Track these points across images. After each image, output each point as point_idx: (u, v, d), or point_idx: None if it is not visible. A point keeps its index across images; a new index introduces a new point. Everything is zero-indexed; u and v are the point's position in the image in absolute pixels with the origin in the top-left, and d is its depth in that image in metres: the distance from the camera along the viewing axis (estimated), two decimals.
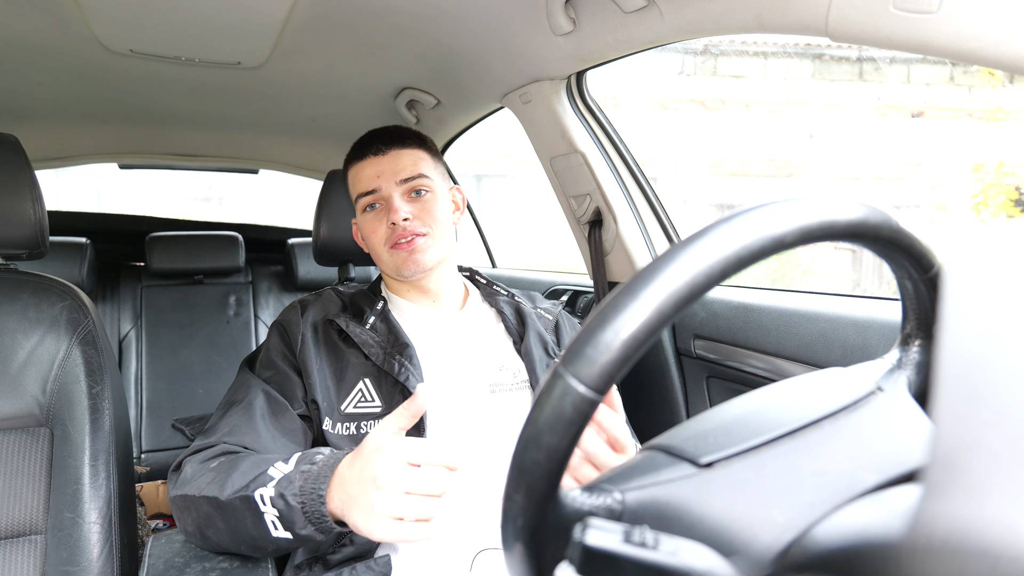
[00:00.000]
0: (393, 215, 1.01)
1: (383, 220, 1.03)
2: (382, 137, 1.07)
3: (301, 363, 0.98)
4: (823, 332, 1.03)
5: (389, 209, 1.02)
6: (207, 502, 0.81)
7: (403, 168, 1.04)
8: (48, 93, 1.70)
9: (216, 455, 0.88)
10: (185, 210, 7.19)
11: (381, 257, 1.05)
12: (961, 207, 5.40)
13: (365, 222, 1.06)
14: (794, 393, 0.49)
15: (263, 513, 0.76)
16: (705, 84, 6.99)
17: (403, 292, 1.09)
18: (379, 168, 1.04)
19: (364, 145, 1.07)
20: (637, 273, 0.38)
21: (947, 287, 0.30)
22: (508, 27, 1.25)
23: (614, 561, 0.35)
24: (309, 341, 0.99)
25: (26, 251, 1.06)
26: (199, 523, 0.83)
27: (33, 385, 0.98)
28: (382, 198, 1.04)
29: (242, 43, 1.37)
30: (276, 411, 0.94)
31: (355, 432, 0.94)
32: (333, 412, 0.95)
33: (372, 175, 1.04)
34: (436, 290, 1.08)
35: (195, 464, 0.88)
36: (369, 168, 1.05)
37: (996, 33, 0.66)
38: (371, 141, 1.07)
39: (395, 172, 1.04)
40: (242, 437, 0.90)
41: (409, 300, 1.08)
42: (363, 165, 1.06)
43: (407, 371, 0.95)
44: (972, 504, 0.26)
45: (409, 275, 1.03)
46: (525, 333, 1.06)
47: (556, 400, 0.37)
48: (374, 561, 0.88)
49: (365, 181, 1.05)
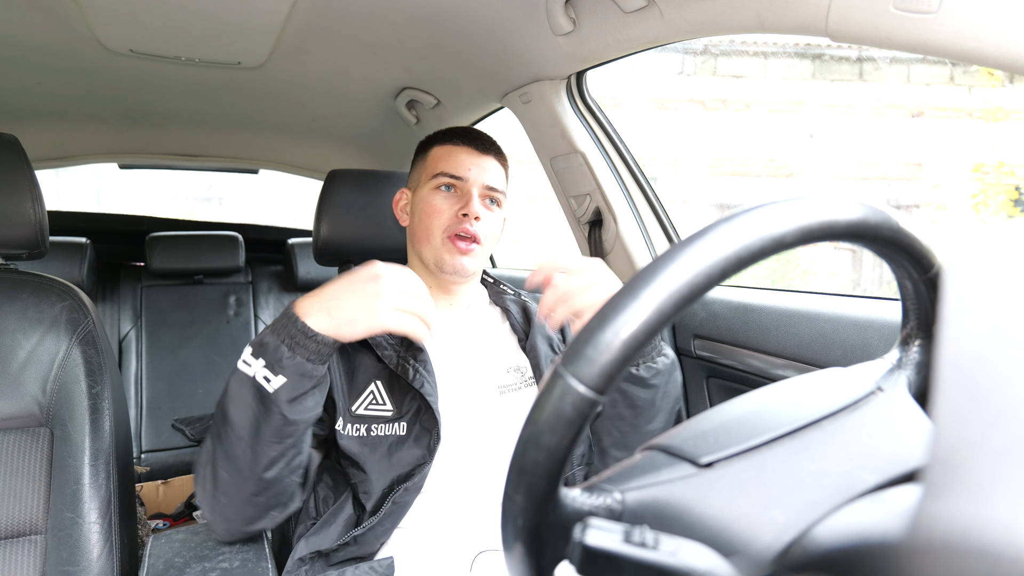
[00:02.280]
0: (470, 207, 1.01)
1: (454, 206, 1.02)
2: (485, 140, 1.08)
3: None
4: (823, 332, 1.03)
5: (467, 201, 1.02)
6: (209, 441, 0.83)
7: (494, 176, 1.06)
8: (48, 93, 1.70)
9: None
10: (185, 210, 7.19)
11: (432, 240, 1.03)
12: (961, 207, 5.40)
13: (432, 198, 1.04)
14: (794, 393, 0.49)
15: (252, 377, 0.78)
16: (705, 84, 6.99)
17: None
18: (475, 161, 1.05)
19: (468, 136, 1.07)
20: (637, 273, 0.38)
21: (947, 287, 0.30)
22: (508, 27, 1.25)
23: (614, 561, 0.35)
24: None
25: (26, 251, 1.06)
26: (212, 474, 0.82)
27: (33, 385, 0.98)
28: (464, 189, 1.04)
29: (242, 43, 1.37)
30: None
31: (365, 434, 0.93)
32: (345, 412, 0.94)
33: (467, 163, 1.04)
34: (458, 294, 1.09)
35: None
36: (465, 156, 1.05)
37: (996, 33, 0.66)
38: (476, 137, 1.08)
39: (486, 174, 1.05)
40: None
41: None
42: (459, 150, 1.06)
43: (422, 377, 0.94)
44: (972, 504, 0.26)
45: (448, 272, 1.02)
46: (531, 330, 1.06)
47: (556, 400, 0.37)
48: (377, 563, 0.88)
49: (457, 164, 1.04)
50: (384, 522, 0.90)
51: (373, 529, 0.90)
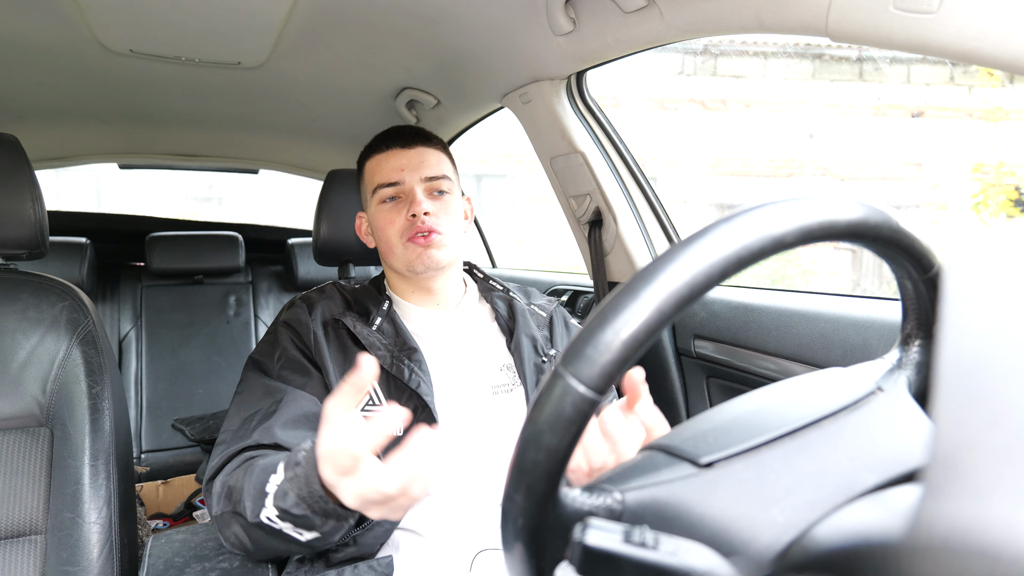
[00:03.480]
0: (415, 207, 1.00)
1: (402, 212, 1.02)
2: (407, 133, 1.06)
3: (319, 360, 0.97)
4: (823, 332, 1.03)
5: (411, 202, 1.01)
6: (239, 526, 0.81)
7: (429, 165, 1.03)
8: (48, 93, 1.70)
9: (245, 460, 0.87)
10: (185, 210, 7.19)
11: (394, 250, 1.03)
12: (961, 207, 5.39)
13: (381, 213, 1.04)
14: (794, 393, 0.49)
15: (281, 529, 0.75)
16: (705, 84, 6.99)
17: (406, 294, 1.08)
18: (404, 161, 1.03)
19: (388, 138, 1.06)
20: (637, 273, 0.38)
21: (947, 287, 0.30)
22: (508, 27, 1.25)
23: (614, 561, 0.35)
24: (321, 339, 0.98)
25: (26, 251, 1.06)
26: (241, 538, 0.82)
27: (33, 385, 0.98)
28: (404, 191, 1.03)
29: (242, 43, 1.37)
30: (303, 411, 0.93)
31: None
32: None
33: (396, 167, 1.03)
34: (440, 291, 1.08)
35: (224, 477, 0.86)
36: (393, 160, 1.04)
37: (996, 33, 0.66)
38: (396, 135, 1.06)
39: (420, 168, 1.03)
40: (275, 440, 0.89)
41: (411, 302, 1.08)
42: (386, 156, 1.04)
43: (418, 377, 0.94)
44: (972, 504, 0.26)
45: (422, 270, 1.02)
46: (515, 328, 1.06)
47: (556, 400, 0.37)
48: (376, 562, 0.88)
49: (388, 172, 1.03)
50: (383, 522, 0.90)
51: (372, 529, 0.90)
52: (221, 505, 0.83)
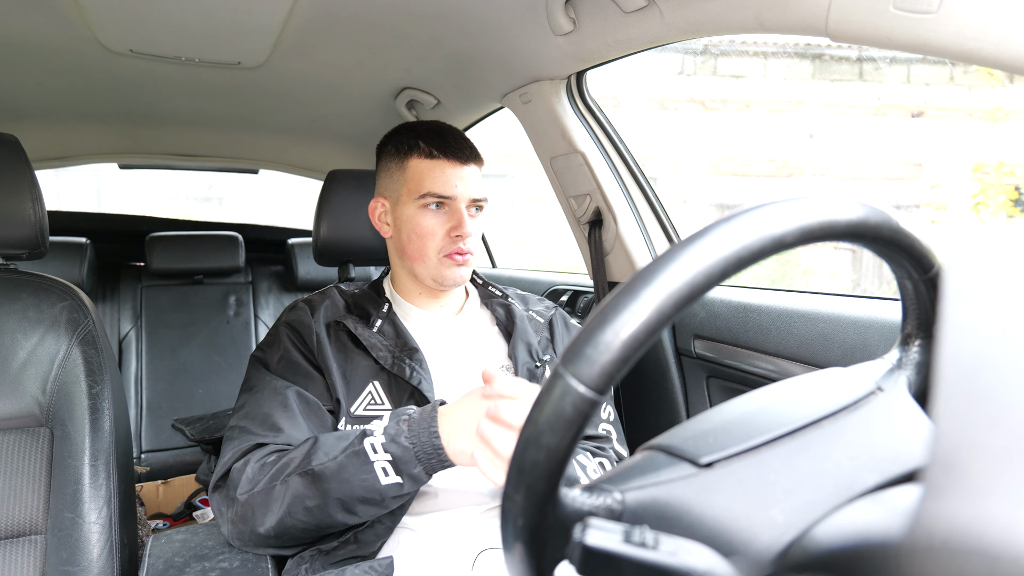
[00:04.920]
0: (461, 228, 1.00)
1: (444, 225, 1.02)
2: (462, 147, 1.04)
3: (321, 362, 0.98)
4: (823, 332, 1.03)
5: (458, 221, 1.01)
6: (299, 480, 0.82)
7: (478, 188, 1.04)
8: (48, 93, 1.70)
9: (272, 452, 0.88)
10: (185, 210, 7.19)
11: (427, 261, 1.02)
12: (961, 207, 5.39)
13: (421, 218, 1.02)
14: (794, 393, 0.49)
15: (373, 462, 0.79)
16: (705, 84, 6.98)
17: (412, 295, 1.09)
18: (460, 178, 1.02)
19: (443, 147, 1.03)
20: (637, 273, 0.38)
21: (947, 287, 0.30)
22: (508, 27, 1.25)
23: (614, 561, 0.35)
24: (324, 341, 1.00)
25: (26, 251, 1.06)
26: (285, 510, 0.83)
27: (33, 385, 0.98)
28: (453, 207, 1.02)
29: (242, 43, 1.37)
30: (312, 409, 0.95)
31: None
32: (346, 414, 0.96)
33: (451, 182, 1.01)
34: (447, 297, 1.10)
35: (254, 464, 0.87)
36: (450, 170, 1.02)
37: (996, 33, 0.66)
38: (451, 147, 1.03)
39: (470, 189, 1.03)
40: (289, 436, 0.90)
41: (415, 304, 1.09)
42: (440, 166, 1.02)
43: (419, 375, 0.95)
44: (972, 504, 0.26)
45: (449, 285, 1.04)
46: (513, 334, 1.07)
47: (556, 400, 0.37)
48: (376, 562, 0.88)
49: (443, 184, 1.01)
50: (384, 520, 0.90)
51: (373, 527, 0.90)
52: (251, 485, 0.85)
